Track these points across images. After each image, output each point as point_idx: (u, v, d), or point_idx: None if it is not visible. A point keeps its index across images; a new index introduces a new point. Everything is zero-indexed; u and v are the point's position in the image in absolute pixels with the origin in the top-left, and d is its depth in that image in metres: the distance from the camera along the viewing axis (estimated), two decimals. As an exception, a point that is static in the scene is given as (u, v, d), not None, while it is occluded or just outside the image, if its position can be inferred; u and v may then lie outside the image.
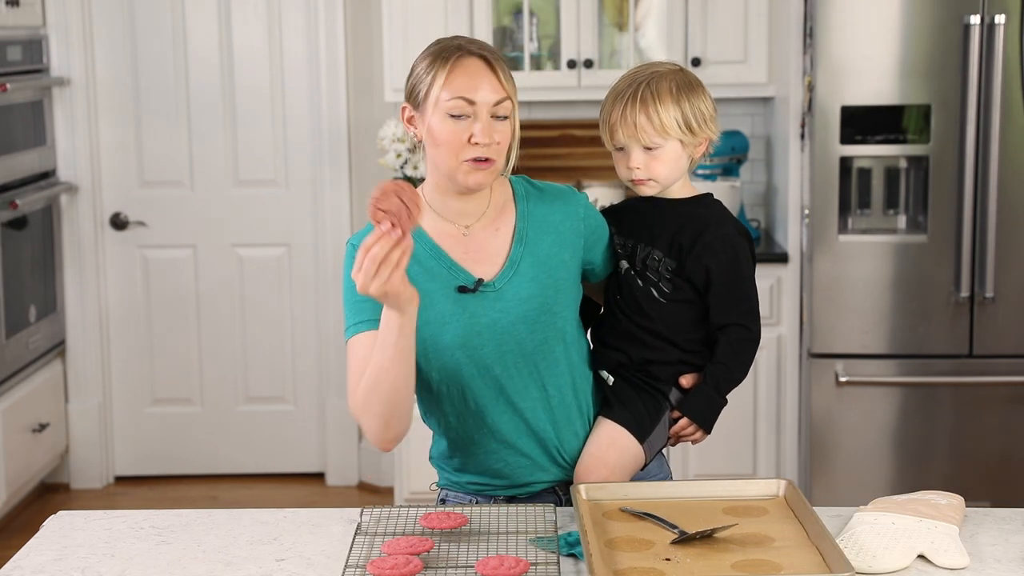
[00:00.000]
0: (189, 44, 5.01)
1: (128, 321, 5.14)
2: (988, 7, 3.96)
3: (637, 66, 2.36)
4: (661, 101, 2.25)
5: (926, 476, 4.13)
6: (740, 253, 2.30)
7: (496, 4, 4.52)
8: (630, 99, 2.26)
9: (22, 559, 2.04)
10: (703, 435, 2.35)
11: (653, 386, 2.31)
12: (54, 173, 4.99)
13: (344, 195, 4.97)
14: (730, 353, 2.32)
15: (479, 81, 2.17)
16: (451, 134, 2.17)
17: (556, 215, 2.29)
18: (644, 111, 2.25)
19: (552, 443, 2.27)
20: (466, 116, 2.17)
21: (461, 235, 2.25)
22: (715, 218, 2.32)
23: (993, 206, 4.02)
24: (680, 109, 2.26)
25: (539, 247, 2.25)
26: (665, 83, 2.27)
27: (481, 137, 2.16)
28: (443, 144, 2.18)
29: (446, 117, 2.17)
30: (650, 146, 2.26)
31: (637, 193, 2.35)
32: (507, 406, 2.24)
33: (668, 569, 1.86)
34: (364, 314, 2.19)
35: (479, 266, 2.23)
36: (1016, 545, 2.01)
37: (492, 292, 2.21)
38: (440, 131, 2.17)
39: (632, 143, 2.27)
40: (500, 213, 2.28)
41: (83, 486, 5.15)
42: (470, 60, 2.18)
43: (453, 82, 2.16)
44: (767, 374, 4.35)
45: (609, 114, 2.30)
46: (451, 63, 2.17)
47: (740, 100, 4.76)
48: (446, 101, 2.16)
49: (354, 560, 1.93)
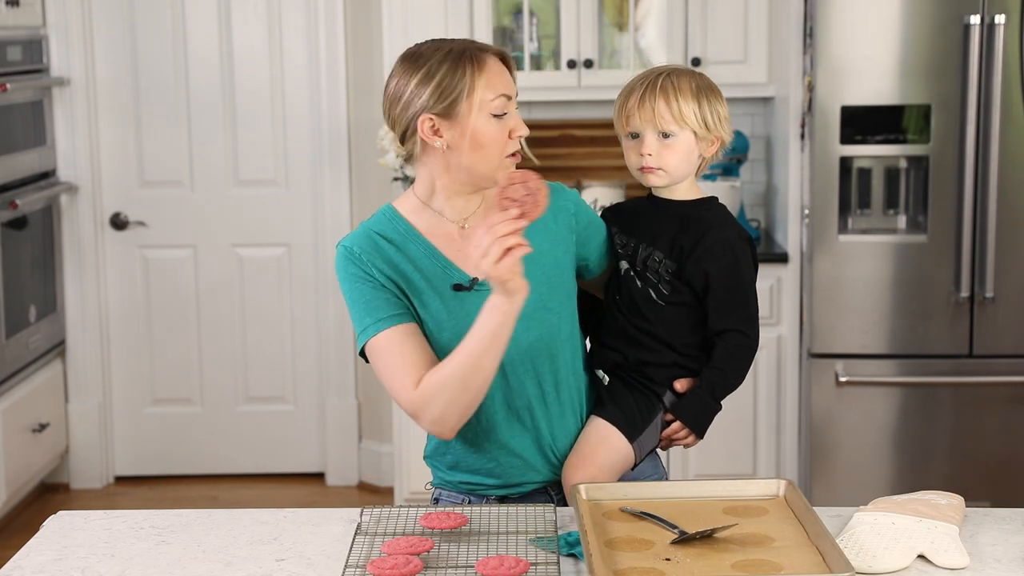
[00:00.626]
0: (189, 44, 5.01)
1: (128, 321, 5.14)
2: (988, 7, 3.96)
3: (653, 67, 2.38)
4: (681, 92, 2.28)
5: (926, 476, 4.13)
6: (741, 258, 2.30)
7: (496, 4, 4.52)
8: (650, 86, 2.29)
9: (22, 559, 2.04)
10: (695, 440, 2.35)
11: (648, 387, 2.31)
12: (54, 173, 4.99)
13: (344, 195, 4.97)
14: (727, 359, 2.32)
15: (505, 77, 2.21)
16: (497, 133, 2.19)
17: (547, 212, 2.29)
18: (664, 98, 2.27)
19: (546, 440, 2.28)
20: (505, 113, 2.19)
21: (455, 235, 2.26)
22: (717, 221, 2.32)
23: (993, 206, 4.03)
24: (698, 103, 2.29)
25: (532, 242, 2.25)
26: (686, 78, 2.31)
27: (522, 130, 2.20)
28: (489, 144, 2.19)
29: (491, 118, 2.18)
30: (666, 132, 2.28)
31: (645, 184, 2.35)
32: (502, 403, 2.24)
33: (668, 569, 1.86)
34: (382, 311, 2.19)
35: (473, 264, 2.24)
36: (1016, 545, 2.01)
37: (487, 291, 2.22)
38: (486, 132, 2.18)
39: (648, 128, 2.28)
40: (492, 209, 2.29)
41: (83, 486, 5.15)
42: (491, 58, 2.21)
43: (493, 82, 2.18)
44: (767, 374, 4.35)
45: (626, 101, 2.31)
46: (484, 64, 2.19)
47: (740, 100, 4.76)
48: (491, 101, 2.18)
49: (354, 560, 1.93)
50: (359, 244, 2.24)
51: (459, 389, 2.13)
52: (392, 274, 2.21)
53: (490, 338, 2.10)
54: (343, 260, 2.24)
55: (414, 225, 2.25)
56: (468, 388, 2.13)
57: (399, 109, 2.22)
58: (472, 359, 2.11)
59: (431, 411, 2.15)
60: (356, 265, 2.22)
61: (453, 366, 2.13)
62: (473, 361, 2.11)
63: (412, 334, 2.20)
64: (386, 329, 2.18)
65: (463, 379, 2.12)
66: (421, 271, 2.22)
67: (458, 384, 2.13)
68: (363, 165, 4.95)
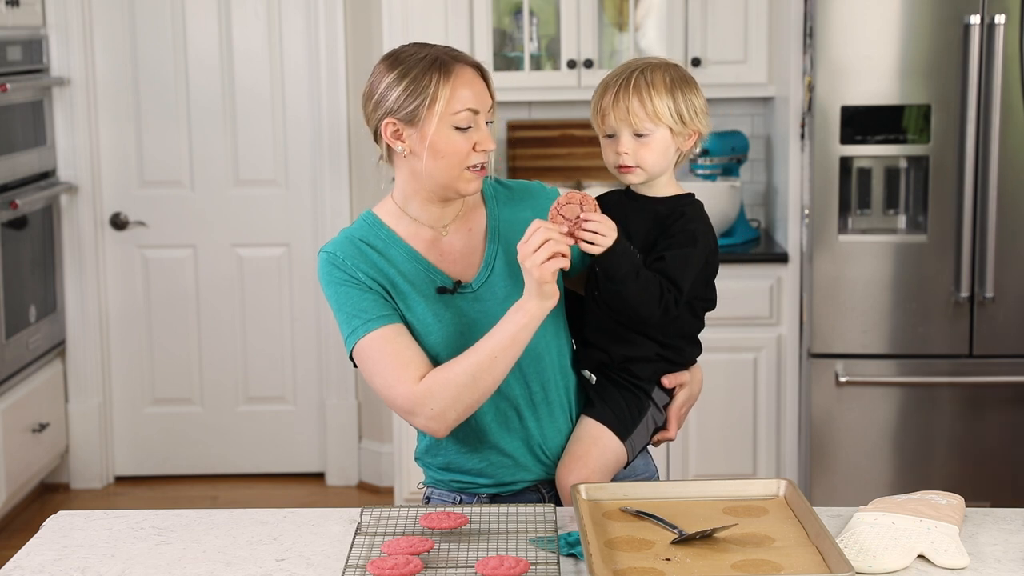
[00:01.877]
0: (189, 44, 5.01)
1: (128, 321, 5.14)
2: (988, 7, 3.96)
3: (628, 61, 2.36)
4: (655, 88, 2.25)
5: (926, 476, 4.12)
6: (699, 246, 2.25)
7: (496, 4, 4.52)
8: (623, 84, 2.27)
9: (22, 559, 2.04)
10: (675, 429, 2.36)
11: (635, 384, 2.31)
12: (54, 173, 4.99)
13: (344, 195, 4.97)
14: (668, 263, 2.24)
15: (477, 89, 2.18)
16: (457, 145, 2.17)
17: (527, 212, 2.30)
18: (637, 96, 2.25)
19: (536, 440, 2.28)
20: (470, 126, 2.17)
21: (435, 239, 2.26)
22: (690, 215, 2.30)
23: (993, 206, 4.02)
24: (673, 98, 2.26)
25: (513, 244, 2.25)
26: (659, 73, 2.28)
27: (488, 144, 2.18)
28: (448, 155, 2.18)
29: (452, 130, 2.17)
30: (640, 132, 2.26)
31: (623, 182, 2.35)
32: (491, 404, 2.24)
33: (668, 569, 1.86)
34: (371, 312, 2.19)
35: (456, 268, 2.25)
36: (1016, 545, 2.01)
37: (471, 293, 2.22)
38: (446, 143, 2.17)
39: (623, 127, 2.27)
40: (471, 213, 2.30)
41: (83, 486, 5.15)
42: (464, 70, 2.18)
43: (459, 94, 2.16)
44: (767, 374, 4.35)
45: (600, 99, 2.30)
46: (453, 75, 2.17)
47: (740, 100, 4.76)
48: (454, 114, 2.16)
49: (354, 560, 1.93)
50: (342, 249, 2.24)
51: (468, 386, 2.13)
52: (378, 277, 2.22)
53: (511, 338, 2.11)
54: (326, 266, 2.24)
55: (395, 230, 2.26)
56: (477, 387, 2.13)
57: (371, 108, 2.23)
58: (489, 358, 2.12)
59: (432, 406, 2.15)
60: (340, 270, 2.22)
61: (468, 363, 2.13)
62: (489, 360, 2.12)
63: (404, 333, 2.20)
64: (378, 328, 2.18)
65: (475, 376, 2.13)
66: (405, 275, 2.22)
67: (468, 381, 2.13)
68: (363, 165, 4.95)
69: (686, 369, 2.37)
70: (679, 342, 2.33)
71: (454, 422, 2.18)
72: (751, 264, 4.31)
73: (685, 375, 2.36)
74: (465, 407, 2.16)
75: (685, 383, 2.37)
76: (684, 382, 2.36)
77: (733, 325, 4.29)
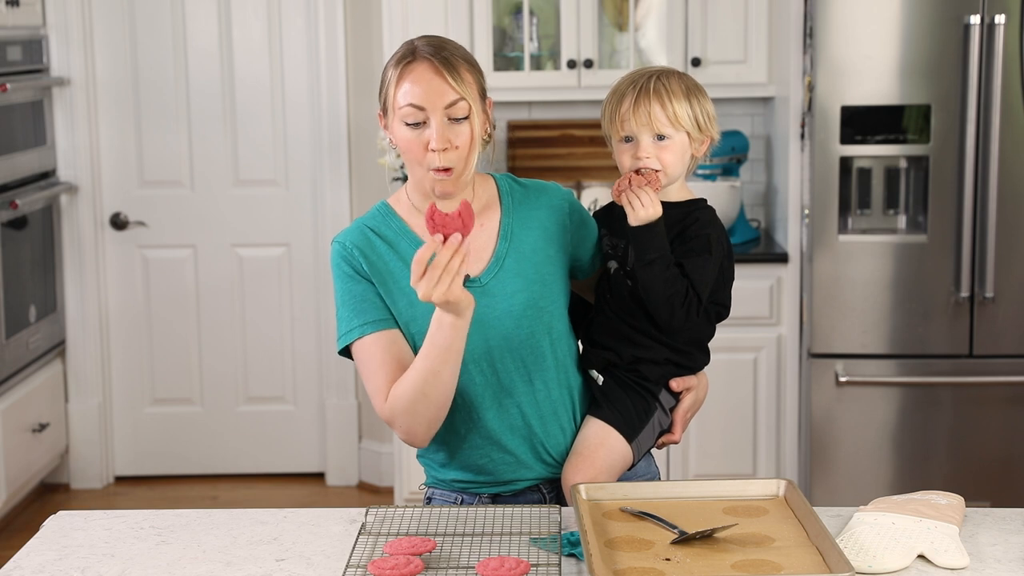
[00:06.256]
0: (189, 44, 5.02)
1: (128, 321, 5.14)
2: (988, 7, 3.96)
3: (636, 69, 2.38)
4: (674, 94, 2.29)
5: (926, 476, 4.13)
6: (714, 252, 2.28)
7: (496, 4, 4.52)
8: (643, 90, 2.29)
9: (22, 559, 2.04)
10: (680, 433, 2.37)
11: (643, 386, 2.31)
12: (54, 173, 4.99)
13: (344, 195, 4.97)
14: (689, 271, 2.27)
15: (427, 86, 2.14)
16: (409, 142, 2.17)
17: (541, 211, 2.30)
18: (659, 101, 2.28)
19: (538, 438, 2.28)
20: (422, 123, 2.16)
21: None
22: (703, 220, 2.32)
23: (993, 206, 4.02)
24: (690, 104, 2.30)
25: (524, 243, 2.25)
26: (675, 80, 2.31)
27: (435, 143, 2.14)
28: (406, 152, 2.19)
29: (403, 125, 2.17)
30: (662, 135, 2.28)
31: None
32: (494, 401, 2.25)
33: (668, 569, 1.86)
34: (369, 315, 2.19)
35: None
36: (1016, 545, 2.01)
37: (479, 287, 2.22)
38: (401, 139, 2.18)
39: (643, 132, 2.28)
40: (485, 209, 2.29)
41: (83, 486, 5.15)
42: (418, 64, 2.16)
43: (404, 88, 2.15)
44: (767, 374, 4.35)
45: (619, 105, 2.30)
46: (401, 69, 2.16)
47: (740, 100, 4.76)
48: (400, 109, 2.16)
49: (355, 560, 1.93)
50: (351, 239, 2.25)
51: (421, 402, 2.14)
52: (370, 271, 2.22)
53: (446, 352, 2.10)
54: (337, 257, 2.26)
55: (407, 222, 2.26)
56: (430, 400, 2.14)
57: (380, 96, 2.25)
58: (431, 374, 2.12)
59: (399, 423, 2.17)
60: (348, 263, 2.23)
61: (412, 380, 2.13)
62: (432, 376, 2.12)
63: (393, 341, 2.20)
64: (369, 334, 2.20)
65: (424, 392, 2.13)
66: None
67: (419, 397, 2.13)
68: (363, 165, 4.95)
69: (694, 374, 2.38)
70: (691, 348, 2.34)
71: (426, 434, 2.19)
72: (751, 264, 4.31)
73: (693, 379, 2.37)
74: (428, 420, 2.16)
75: (692, 387, 2.37)
76: (692, 386, 2.37)
77: (733, 325, 4.26)
